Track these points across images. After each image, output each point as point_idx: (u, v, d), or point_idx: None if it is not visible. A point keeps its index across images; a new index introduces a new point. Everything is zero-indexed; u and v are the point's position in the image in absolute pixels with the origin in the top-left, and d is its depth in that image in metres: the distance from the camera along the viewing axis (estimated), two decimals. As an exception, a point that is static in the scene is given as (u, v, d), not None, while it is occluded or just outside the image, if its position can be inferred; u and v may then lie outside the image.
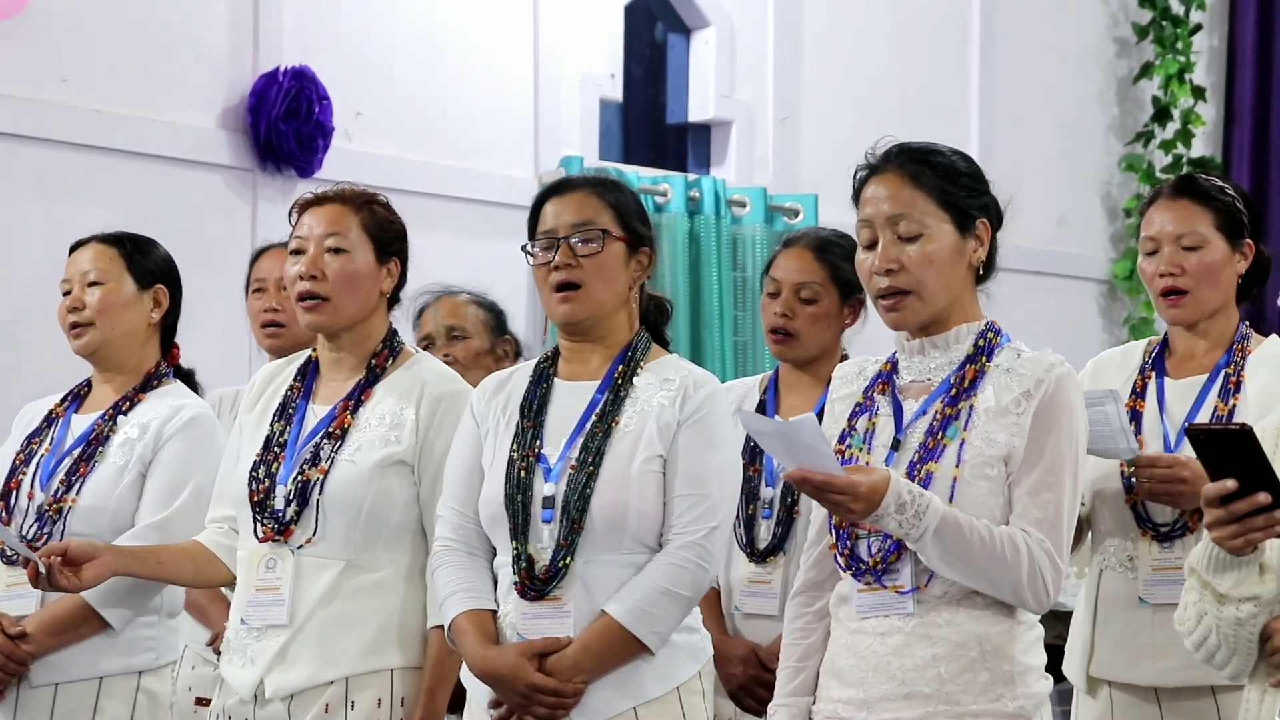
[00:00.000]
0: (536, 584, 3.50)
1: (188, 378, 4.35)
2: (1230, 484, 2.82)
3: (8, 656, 3.97)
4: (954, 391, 3.26)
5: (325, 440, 3.77)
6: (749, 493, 4.14)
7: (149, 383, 4.19)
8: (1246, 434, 2.80)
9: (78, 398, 4.25)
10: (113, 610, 4.02)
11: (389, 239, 3.86)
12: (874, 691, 3.22)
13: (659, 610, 3.46)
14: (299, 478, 3.74)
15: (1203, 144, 8.57)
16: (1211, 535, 2.88)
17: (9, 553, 4.02)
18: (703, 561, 3.48)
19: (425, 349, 4.87)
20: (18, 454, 4.17)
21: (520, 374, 3.70)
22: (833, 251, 4.25)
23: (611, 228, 3.60)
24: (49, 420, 4.21)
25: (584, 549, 3.49)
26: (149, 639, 4.10)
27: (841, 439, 3.32)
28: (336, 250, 3.79)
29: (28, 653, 3.99)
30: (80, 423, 4.17)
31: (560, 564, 3.49)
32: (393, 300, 3.92)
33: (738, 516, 4.12)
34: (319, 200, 3.86)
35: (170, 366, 4.27)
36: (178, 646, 4.24)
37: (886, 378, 3.36)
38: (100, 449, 4.11)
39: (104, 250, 4.17)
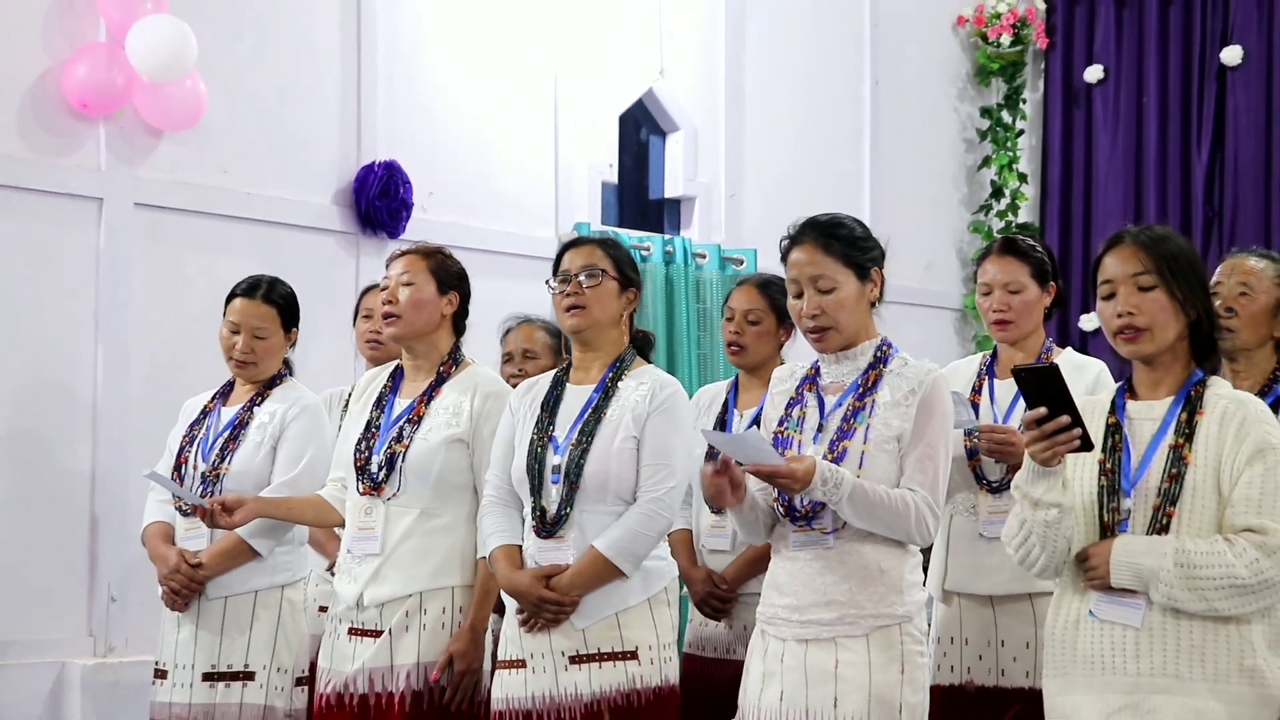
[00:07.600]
0: (547, 527, 3.49)
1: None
2: (1042, 410, 2.80)
3: (190, 579, 3.99)
4: (861, 390, 3.26)
5: (407, 424, 3.76)
6: None
7: (274, 382, 4.21)
8: (1054, 370, 2.79)
9: (223, 394, 4.25)
10: (260, 541, 4.02)
11: (448, 277, 3.86)
12: (804, 599, 3.22)
13: (633, 545, 3.45)
14: (388, 450, 3.74)
15: (1026, 214, 8.53)
16: (1029, 451, 2.85)
17: (184, 507, 4.03)
18: (663, 511, 3.47)
19: (506, 362, 4.79)
20: (184, 437, 4.19)
21: (545, 380, 3.70)
22: (772, 288, 4.23)
23: (609, 270, 3.60)
24: (204, 412, 4.23)
25: (580, 503, 3.48)
26: (287, 562, 4.10)
27: (780, 423, 3.32)
28: (408, 284, 3.80)
29: (204, 576, 4.01)
30: (227, 413, 4.19)
31: (563, 513, 3.48)
32: (460, 325, 3.90)
33: None
34: (402, 254, 3.88)
35: (287, 370, 4.28)
36: (307, 566, 4.22)
37: (812, 380, 3.35)
38: (243, 431, 4.11)
39: (267, 311, 4.16)
